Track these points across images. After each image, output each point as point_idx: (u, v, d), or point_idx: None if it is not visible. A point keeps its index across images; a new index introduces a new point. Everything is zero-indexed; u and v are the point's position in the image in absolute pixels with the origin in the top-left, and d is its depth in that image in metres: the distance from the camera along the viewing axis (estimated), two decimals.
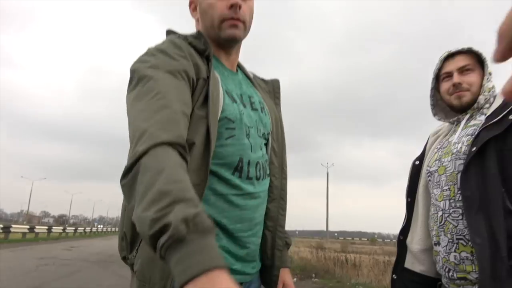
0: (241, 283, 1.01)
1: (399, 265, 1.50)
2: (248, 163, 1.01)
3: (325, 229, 49.03)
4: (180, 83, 0.90)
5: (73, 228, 39.33)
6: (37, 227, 27.59)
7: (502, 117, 1.22)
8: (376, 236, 73.24)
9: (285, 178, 1.18)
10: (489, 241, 1.16)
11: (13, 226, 22.66)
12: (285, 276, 1.20)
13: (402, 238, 1.52)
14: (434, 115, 1.52)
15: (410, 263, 1.47)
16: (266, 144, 1.14)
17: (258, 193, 1.04)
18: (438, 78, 1.48)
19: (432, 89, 1.50)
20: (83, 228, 45.19)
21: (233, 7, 1.03)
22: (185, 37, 1.04)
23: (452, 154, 1.35)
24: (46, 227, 30.14)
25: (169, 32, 1.11)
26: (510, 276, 1.11)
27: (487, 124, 1.24)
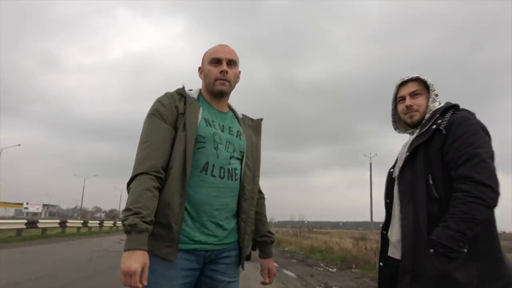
0: (206, 251, 1.55)
1: (383, 254, 1.80)
2: (213, 166, 1.58)
3: (369, 220, 48.22)
4: (161, 125, 1.55)
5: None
6: (90, 221, 29.23)
7: (428, 128, 1.64)
8: None
9: (256, 185, 1.74)
10: (413, 222, 1.56)
11: (68, 221, 24.13)
12: (269, 263, 1.83)
13: (384, 232, 1.82)
14: (395, 129, 1.93)
15: (392, 252, 1.75)
16: (241, 160, 1.69)
17: (220, 188, 1.57)
18: (396, 100, 1.88)
19: (392, 109, 1.91)
20: None
21: (222, 72, 1.68)
22: (178, 90, 1.66)
23: (402, 161, 1.75)
24: (98, 222, 31.85)
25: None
26: (426, 247, 1.47)
27: (418, 134, 1.69)
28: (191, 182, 1.52)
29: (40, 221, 20.02)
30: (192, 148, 1.52)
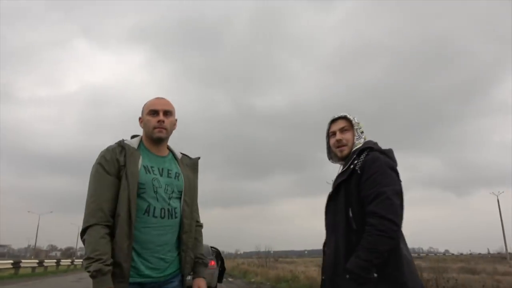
0: (152, 282, 1.83)
1: (324, 269, 2.04)
2: (154, 208, 1.86)
3: None
4: (106, 178, 1.81)
5: (81, 260, 39.20)
6: (46, 260, 27.72)
7: (347, 167, 1.95)
8: None
9: (194, 218, 2.03)
10: (334, 251, 1.88)
11: (22, 261, 22.84)
12: (199, 282, 2.04)
13: (325, 249, 2.04)
14: (329, 159, 2.20)
15: None
16: (180, 198, 1.97)
17: (161, 227, 1.87)
18: (328, 136, 2.16)
19: (327, 143, 2.18)
20: None
21: (160, 121, 1.95)
22: (119, 142, 1.92)
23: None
24: (55, 260, 30.26)
25: (132, 137, 2.04)
26: (344, 272, 1.76)
27: (340, 172, 2.02)
28: (137, 224, 1.80)
29: None
30: (135, 195, 1.80)
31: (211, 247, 11.10)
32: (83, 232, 1.76)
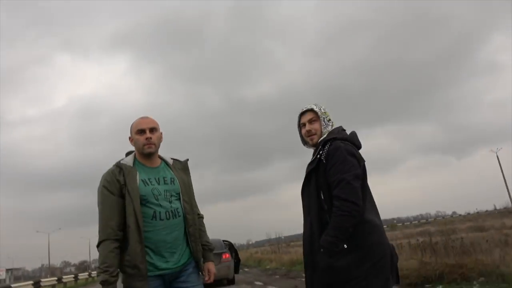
0: (169, 274, 2.19)
1: (307, 268, 2.29)
2: (159, 213, 2.19)
3: None
4: (110, 198, 2.15)
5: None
6: (64, 277, 28.05)
7: (315, 158, 2.25)
8: (395, 221, 73.00)
9: (195, 213, 2.36)
10: (310, 229, 2.22)
11: (42, 280, 23.13)
12: (208, 265, 2.39)
13: (304, 244, 2.30)
14: (304, 145, 2.46)
15: None
16: (179, 199, 2.29)
17: (168, 227, 2.20)
18: (300, 126, 2.44)
19: (299, 132, 2.45)
20: None
21: (147, 139, 2.24)
22: (117, 163, 2.24)
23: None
24: (73, 276, 30.58)
25: (127, 154, 2.34)
26: (319, 248, 2.09)
27: (310, 162, 2.30)
28: (148, 229, 2.15)
29: (12, 286, 19.14)
30: (139, 206, 2.14)
31: (223, 240, 11.33)
32: (98, 245, 2.14)
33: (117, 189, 2.15)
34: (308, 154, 2.43)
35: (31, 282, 21.72)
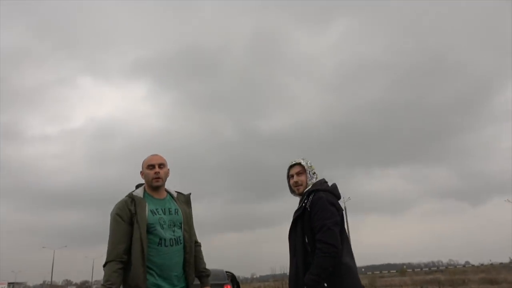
0: None
1: (289, 283, 2.58)
2: (164, 240, 2.47)
3: None
4: (121, 224, 2.43)
5: None
6: None
7: (301, 206, 2.59)
8: (405, 266, 70.77)
9: (193, 241, 2.64)
10: (295, 269, 2.52)
11: None
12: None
13: (290, 282, 2.59)
14: (291, 193, 2.79)
15: None
16: (181, 228, 2.57)
17: (171, 252, 2.49)
18: (288, 177, 2.79)
19: (288, 182, 2.79)
20: None
21: (156, 173, 2.56)
22: (129, 194, 2.54)
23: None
24: None
25: (137, 186, 2.66)
26: (303, 285, 2.37)
27: (296, 209, 2.63)
28: (154, 253, 2.44)
29: None
30: (145, 234, 2.42)
31: (226, 271, 11.19)
32: (104, 266, 2.41)
33: (128, 217, 2.44)
34: (296, 201, 2.72)
35: None
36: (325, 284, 2.34)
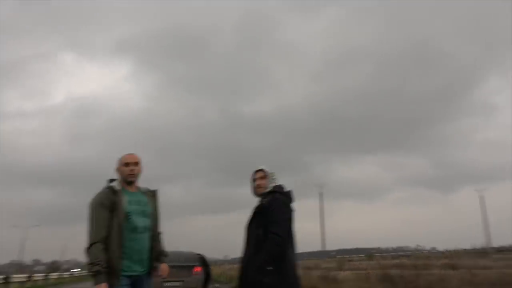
0: (136, 275, 2.84)
1: (241, 282, 2.98)
2: (137, 227, 2.87)
3: (321, 249, 49.19)
4: (104, 212, 2.78)
5: (69, 273, 38.72)
6: (34, 275, 27.47)
7: (260, 203, 3.04)
8: (374, 251, 73.10)
9: (157, 230, 3.07)
10: (247, 254, 2.95)
11: (12, 276, 22.63)
12: (163, 265, 3.05)
13: (241, 264, 3.01)
14: (253, 194, 3.18)
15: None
16: (149, 218, 2.97)
17: (141, 239, 2.90)
18: (253, 180, 3.20)
19: (251, 184, 3.21)
20: (78, 271, 44.30)
21: (131, 170, 2.97)
22: (110, 187, 2.89)
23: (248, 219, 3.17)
24: (44, 274, 29.97)
25: (109, 181, 2.97)
26: (252, 268, 2.82)
27: (256, 206, 3.06)
28: (128, 238, 2.80)
29: None
30: (122, 221, 2.79)
31: (197, 253, 11.38)
32: (88, 247, 2.70)
33: (109, 206, 2.79)
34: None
35: (2, 276, 21.27)
36: (270, 268, 2.76)
